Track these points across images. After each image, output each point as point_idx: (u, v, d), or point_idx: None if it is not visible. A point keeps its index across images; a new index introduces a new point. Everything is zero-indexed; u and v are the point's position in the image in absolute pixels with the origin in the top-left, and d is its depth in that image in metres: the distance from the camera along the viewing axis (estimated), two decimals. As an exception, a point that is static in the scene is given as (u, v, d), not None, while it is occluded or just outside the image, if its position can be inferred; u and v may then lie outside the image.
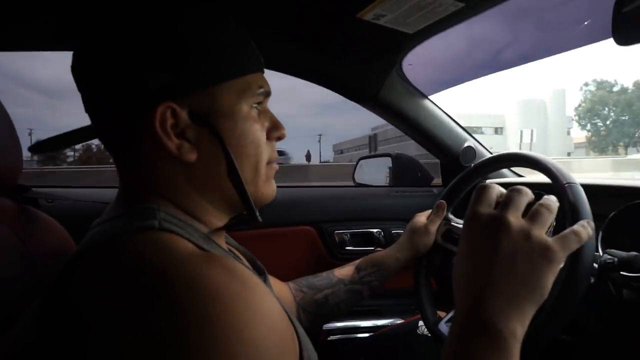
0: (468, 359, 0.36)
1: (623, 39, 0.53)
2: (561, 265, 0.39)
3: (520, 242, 0.38)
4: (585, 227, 0.42)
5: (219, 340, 0.29)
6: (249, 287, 0.33)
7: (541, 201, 0.41)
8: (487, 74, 1.42)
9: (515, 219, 0.39)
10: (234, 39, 0.44)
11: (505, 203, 0.40)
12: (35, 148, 0.44)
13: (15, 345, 0.42)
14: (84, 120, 0.45)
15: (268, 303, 0.34)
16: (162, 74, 0.39)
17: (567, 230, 0.41)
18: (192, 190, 0.44)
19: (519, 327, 0.37)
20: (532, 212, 0.40)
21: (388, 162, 1.41)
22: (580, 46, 1.09)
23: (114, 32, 0.40)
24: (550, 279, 0.38)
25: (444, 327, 0.77)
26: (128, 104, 0.40)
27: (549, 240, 0.39)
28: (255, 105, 0.46)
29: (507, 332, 0.36)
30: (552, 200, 0.42)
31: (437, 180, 1.38)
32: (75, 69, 0.42)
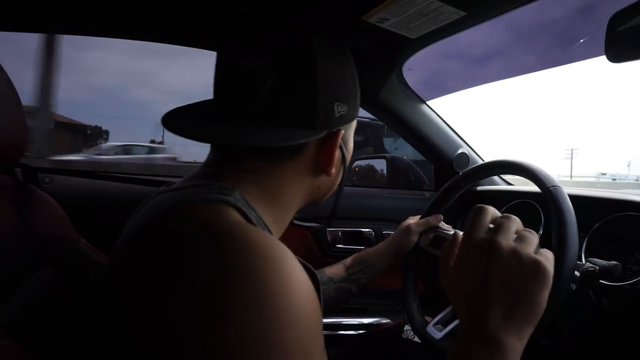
0: None
1: (615, 56, 0.55)
2: (551, 280, 0.41)
3: (512, 262, 0.41)
4: None
5: (270, 297, 0.32)
6: (294, 261, 0.37)
7: (526, 228, 0.45)
8: (485, 83, 1.44)
9: (505, 241, 0.42)
10: None
11: (497, 227, 0.44)
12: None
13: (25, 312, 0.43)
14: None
15: (306, 278, 0.37)
16: (342, 106, 0.49)
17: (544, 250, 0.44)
18: (299, 197, 0.52)
19: (517, 342, 0.39)
20: (519, 235, 0.44)
21: (383, 164, 1.43)
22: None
23: (321, 67, 0.46)
24: (543, 295, 0.40)
25: (432, 330, 0.78)
26: (314, 122, 0.47)
27: (537, 257, 0.41)
28: None
29: (506, 345, 0.38)
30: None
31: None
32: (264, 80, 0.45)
